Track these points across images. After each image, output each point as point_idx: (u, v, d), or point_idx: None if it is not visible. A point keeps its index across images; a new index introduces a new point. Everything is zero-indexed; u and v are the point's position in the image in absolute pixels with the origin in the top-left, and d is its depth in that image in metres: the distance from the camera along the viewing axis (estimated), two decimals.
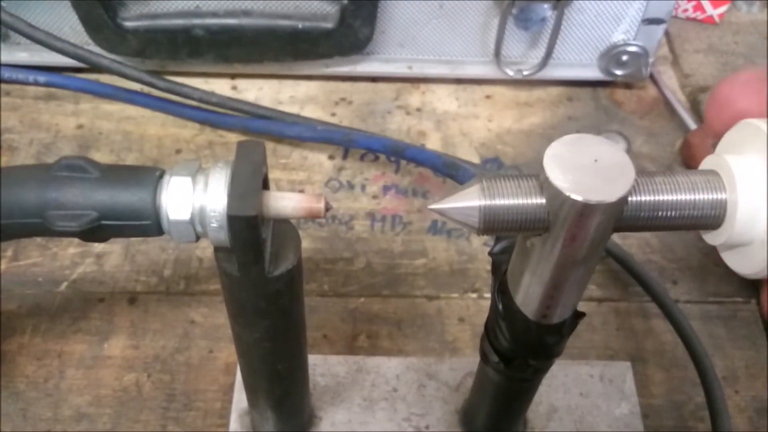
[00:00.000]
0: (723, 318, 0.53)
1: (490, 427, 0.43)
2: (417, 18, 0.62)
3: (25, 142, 0.62)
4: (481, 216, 0.27)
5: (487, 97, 0.68)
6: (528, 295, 0.32)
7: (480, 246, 0.57)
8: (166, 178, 0.27)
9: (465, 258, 0.56)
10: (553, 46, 0.63)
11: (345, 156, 0.62)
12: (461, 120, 0.66)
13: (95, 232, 0.27)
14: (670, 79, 0.70)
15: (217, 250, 0.29)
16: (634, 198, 0.28)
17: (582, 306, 0.53)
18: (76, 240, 0.28)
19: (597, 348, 0.52)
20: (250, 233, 0.27)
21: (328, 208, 0.28)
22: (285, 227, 0.31)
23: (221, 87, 0.67)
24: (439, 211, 0.28)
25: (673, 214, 0.29)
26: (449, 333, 0.52)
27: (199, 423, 0.47)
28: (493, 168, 0.61)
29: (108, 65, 0.57)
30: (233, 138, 0.63)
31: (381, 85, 0.68)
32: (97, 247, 0.56)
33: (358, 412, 0.47)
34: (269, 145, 0.62)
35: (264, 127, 0.61)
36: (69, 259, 0.55)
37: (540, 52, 0.64)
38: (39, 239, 0.55)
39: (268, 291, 0.30)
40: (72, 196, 0.26)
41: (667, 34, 0.74)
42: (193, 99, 0.60)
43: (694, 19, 0.75)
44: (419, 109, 0.66)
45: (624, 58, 0.64)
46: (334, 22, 0.60)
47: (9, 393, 0.48)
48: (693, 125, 0.64)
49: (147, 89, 0.61)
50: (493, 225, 0.28)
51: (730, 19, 0.76)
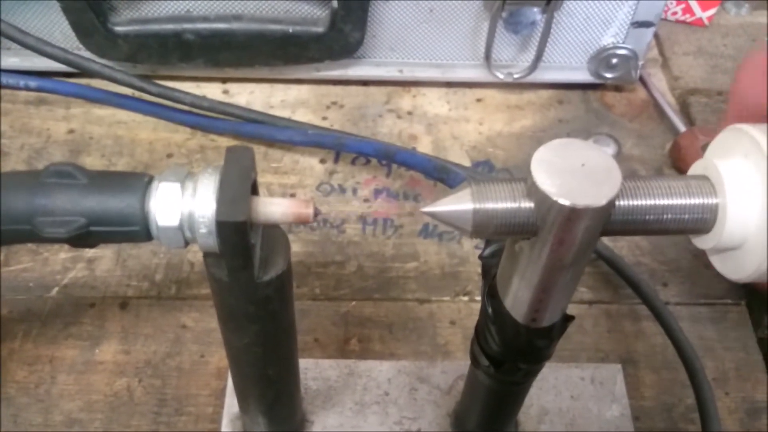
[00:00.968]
0: (713, 320, 0.54)
1: (481, 430, 0.43)
2: (407, 22, 0.62)
3: (16, 147, 0.62)
4: (473, 219, 0.28)
5: (478, 101, 0.68)
6: (517, 299, 0.32)
7: (471, 249, 0.57)
8: (154, 184, 0.27)
9: (456, 261, 0.56)
10: (543, 49, 0.63)
11: (336, 160, 0.62)
12: (452, 123, 0.66)
13: (84, 238, 0.27)
14: (659, 82, 0.70)
15: (207, 255, 0.29)
16: (621, 202, 0.28)
17: (572, 308, 0.54)
18: (66, 245, 0.28)
19: (588, 350, 0.52)
20: (239, 239, 0.27)
21: (316, 213, 0.28)
22: (274, 232, 0.31)
23: (212, 91, 0.67)
24: (431, 214, 0.28)
25: (661, 218, 0.29)
26: (441, 336, 0.52)
27: (191, 428, 0.47)
28: (484, 171, 0.62)
29: (99, 70, 0.58)
30: (225, 142, 0.63)
31: (372, 89, 0.68)
32: (88, 252, 0.55)
33: (349, 416, 0.47)
34: (261, 149, 0.62)
35: (255, 131, 0.61)
36: (60, 264, 0.54)
37: (530, 55, 0.64)
38: (30, 244, 0.55)
39: (257, 296, 0.30)
40: (60, 202, 0.26)
41: (657, 36, 0.74)
42: (185, 103, 0.60)
43: (683, 22, 0.76)
44: (410, 113, 0.66)
45: (614, 61, 0.65)
46: (324, 26, 0.60)
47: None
48: (683, 127, 0.64)
49: (138, 94, 0.61)
50: (484, 228, 0.28)
51: (719, 22, 0.76)
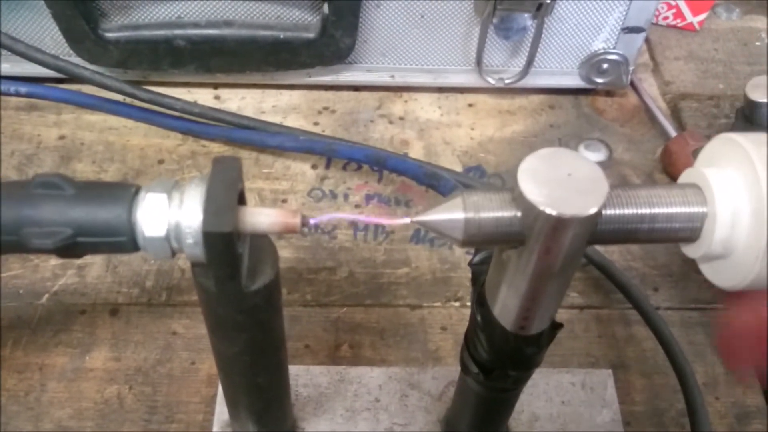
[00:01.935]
0: (703, 325, 0.54)
1: None
2: (399, 27, 0.62)
3: (7, 153, 0.62)
4: (464, 229, 0.28)
5: (470, 106, 0.68)
6: (505, 307, 0.32)
7: (462, 255, 0.57)
8: (141, 194, 0.27)
9: (447, 267, 0.56)
10: (534, 54, 0.63)
11: (328, 165, 0.62)
12: (444, 128, 0.66)
13: (70, 249, 0.27)
14: (650, 87, 0.70)
15: (194, 264, 0.29)
16: (608, 211, 0.29)
17: (563, 313, 0.54)
18: None
19: (578, 355, 0.52)
20: (225, 249, 0.27)
21: (304, 223, 0.28)
22: (262, 241, 0.31)
23: (204, 97, 0.67)
24: (423, 224, 0.28)
25: (649, 227, 0.29)
26: (432, 342, 0.52)
27: None
28: (476, 176, 0.62)
29: (89, 77, 0.57)
30: (216, 148, 0.63)
31: (364, 94, 0.68)
32: (79, 259, 0.55)
33: (340, 422, 0.47)
34: (252, 155, 0.62)
35: (247, 137, 0.61)
36: (50, 271, 0.54)
37: (521, 60, 0.64)
38: None
39: (245, 305, 0.30)
40: (47, 213, 0.26)
41: (648, 41, 0.74)
42: (176, 109, 0.60)
43: (674, 27, 0.76)
44: (402, 118, 0.67)
45: (604, 66, 0.65)
46: (315, 32, 0.61)
47: None
48: (673, 132, 0.64)
49: (129, 100, 0.61)
50: (475, 237, 0.28)
51: (710, 26, 0.76)
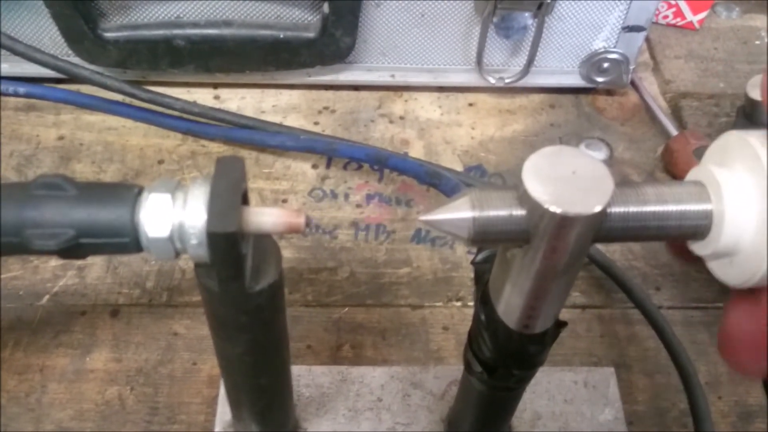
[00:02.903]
0: (706, 324, 0.54)
1: None
2: (398, 27, 0.62)
3: (6, 153, 0.61)
4: (472, 227, 0.28)
5: (470, 105, 0.68)
6: (509, 306, 0.32)
7: (464, 254, 0.57)
8: (144, 195, 0.27)
9: (449, 266, 0.56)
10: (535, 53, 0.63)
11: (328, 165, 0.62)
12: (444, 128, 0.66)
13: (73, 250, 0.26)
14: (651, 85, 0.70)
15: (198, 265, 0.29)
16: (613, 209, 0.28)
17: (565, 313, 0.54)
18: None
19: (581, 355, 0.52)
20: (229, 249, 0.27)
21: (308, 223, 0.28)
22: (265, 241, 0.31)
23: (204, 96, 0.66)
24: (430, 223, 0.28)
25: (657, 224, 0.29)
26: (434, 342, 0.52)
27: None
28: (477, 176, 0.62)
29: (89, 76, 0.57)
30: (216, 148, 0.63)
31: (364, 94, 0.68)
32: (81, 260, 0.55)
33: (343, 422, 0.47)
34: (252, 155, 0.62)
35: (247, 137, 0.61)
36: (50, 272, 0.54)
37: (522, 59, 0.64)
38: None
39: (249, 306, 0.30)
40: (49, 214, 0.26)
41: (648, 40, 0.74)
42: (175, 109, 0.60)
43: (674, 26, 0.76)
44: (402, 117, 0.66)
45: (605, 65, 0.65)
46: (315, 31, 0.60)
47: None
48: (674, 131, 0.64)
49: (129, 99, 0.61)
50: (483, 236, 0.28)
51: (709, 25, 0.76)
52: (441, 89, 0.68)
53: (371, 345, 0.52)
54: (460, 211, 0.28)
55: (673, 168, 0.62)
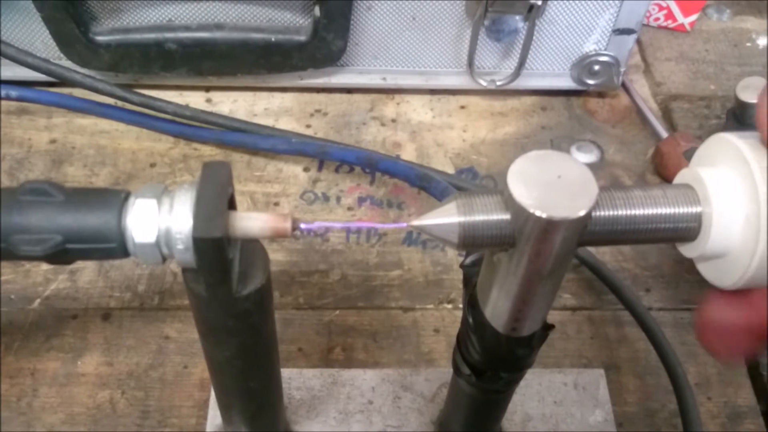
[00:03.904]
0: (695, 325, 0.54)
1: None
2: (390, 30, 0.62)
3: None
4: (459, 232, 0.28)
5: (462, 108, 0.68)
6: (497, 309, 0.32)
7: (455, 257, 0.57)
8: (131, 200, 0.27)
9: (440, 269, 0.56)
10: (526, 56, 0.63)
11: (320, 168, 0.62)
12: (436, 130, 0.66)
13: (60, 255, 0.26)
14: (642, 88, 0.71)
15: (185, 270, 0.29)
16: (598, 213, 0.29)
17: (556, 315, 0.54)
18: None
19: (571, 356, 0.52)
20: (216, 254, 0.27)
21: (295, 227, 0.28)
22: (253, 246, 0.31)
23: (196, 100, 0.67)
24: (419, 228, 0.28)
25: (644, 228, 0.29)
26: (424, 344, 0.52)
27: None
28: (468, 178, 0.62)
29: (80, 80, 0.57)
30: (208, 151, 0.63)
31: (356, 97, 0.68)
32: (69, 265, 0.55)
33: (333, 425, 0.47)
34: (244, 158, 0.62)
35: (239, 140, 0.61)
36: (42, 276, 0.54)
37: (513, 62, 0.65)
38: None
39: (236, 310, 0.30)
40: (36, 220, 0.26)
41: (639, 42, 0.75)
42: (167, 112, 0.60)
43: (665, 28, 0.76)
44: (394, 120, 0.67)
45: (596, 67, 0.65)
46: (307, 34, 0.61)
47: None
48: (664, 133, 0.64)
49: (121, 103, 0.61)
50: (471, 241, 0.28)
51: (700, 27, 0.77)
52: (433, 92, 0.69)
53: (362, 347, 0.52)
54: (447, 216, 0.28)
55: (664, 170, 0.62)
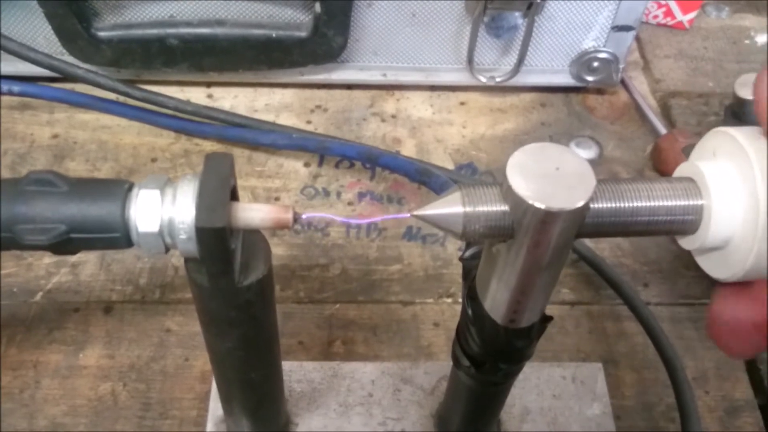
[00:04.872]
0: (693, 320, 0.54)
1: (464, 430, 0.44)
2: (390, 26, 0.62)
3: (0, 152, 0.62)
4: (463, 222, 0.28)
5: (462, 104, 0.68)
6: (496, 301, 0.32)
7: (454, 251, 0.57)
8: (134, 191, 0.27)
9: (440, 263, 0.57)
10: (525, 53, 0.63)
11: (320, 163, 0.63)
12: (436, 126, 0.66)
13: (64, 245, 0.27)
14: (641, 85, 0.71)
15: (187, 260, 0.29)
16: (596, 205, 0.29)
17: (554, 309, 0.54)
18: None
19: (569, 350, 0.52)
20: (218, 244, 0.27)
21: (296, 218, 0.29)
22: (255, 237, 0.31)
23: (197, 95, 0.67)
24: (422, 218, 0.29)
25: (644, 220, 0.29)
26: (424, 338, 0.53)
27: (176, 431, 0.47)
28: (468, 174, 0.62)
29: (83, 75, 0.58)
30: (209, 146, 0.63)
31: (356, 93, 0.68)
32: (73, 257, 0.56)
33: (334, 417, 0.47)
34: (245, 153, 0.63)
35: (239, 135, 0.62)
36: (44, 269, 0.55)
37: (512, 59, 0.65)
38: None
39: (238, 301, 0.30)
40: (41, 210, 0.26)
41: (638, 39, 0.75)
42: (169, 108, 0.60)
43: (664, 25, 0.76)
44: (394, 116, 0.67)
45: (595, 64, 0.65)
46: (307, 31, 0.61)
47: None
48: (663, 130, 0.65)
49: (122, 98, 0.61)
50: (473, 231, 0.28)
51: (699, 25, 0.77)
52: (433, 88, 0.69)
53: (362, 341, 0.52)
54: (451, 206, 0.28)
55: (662, 166, 0.62)
